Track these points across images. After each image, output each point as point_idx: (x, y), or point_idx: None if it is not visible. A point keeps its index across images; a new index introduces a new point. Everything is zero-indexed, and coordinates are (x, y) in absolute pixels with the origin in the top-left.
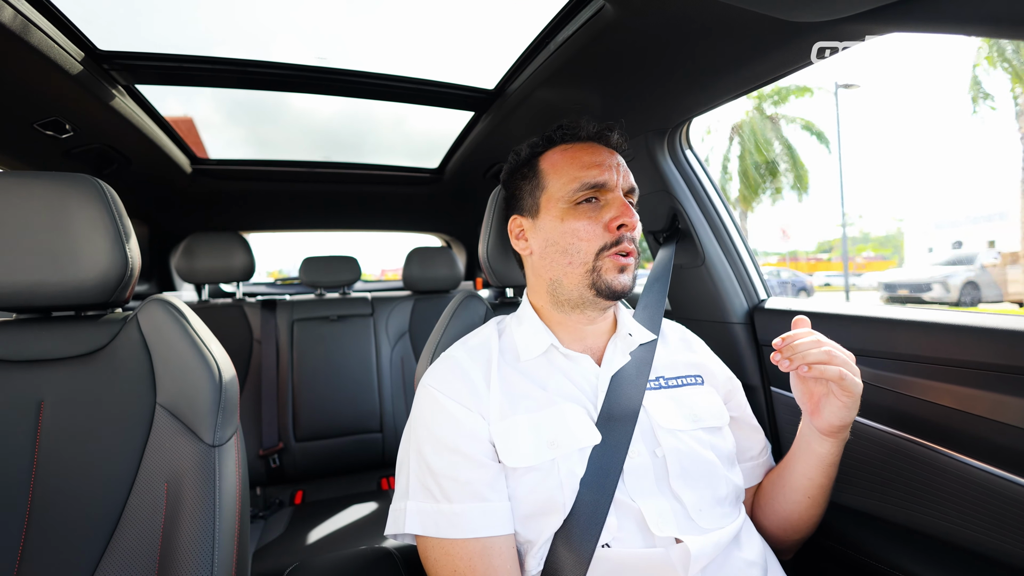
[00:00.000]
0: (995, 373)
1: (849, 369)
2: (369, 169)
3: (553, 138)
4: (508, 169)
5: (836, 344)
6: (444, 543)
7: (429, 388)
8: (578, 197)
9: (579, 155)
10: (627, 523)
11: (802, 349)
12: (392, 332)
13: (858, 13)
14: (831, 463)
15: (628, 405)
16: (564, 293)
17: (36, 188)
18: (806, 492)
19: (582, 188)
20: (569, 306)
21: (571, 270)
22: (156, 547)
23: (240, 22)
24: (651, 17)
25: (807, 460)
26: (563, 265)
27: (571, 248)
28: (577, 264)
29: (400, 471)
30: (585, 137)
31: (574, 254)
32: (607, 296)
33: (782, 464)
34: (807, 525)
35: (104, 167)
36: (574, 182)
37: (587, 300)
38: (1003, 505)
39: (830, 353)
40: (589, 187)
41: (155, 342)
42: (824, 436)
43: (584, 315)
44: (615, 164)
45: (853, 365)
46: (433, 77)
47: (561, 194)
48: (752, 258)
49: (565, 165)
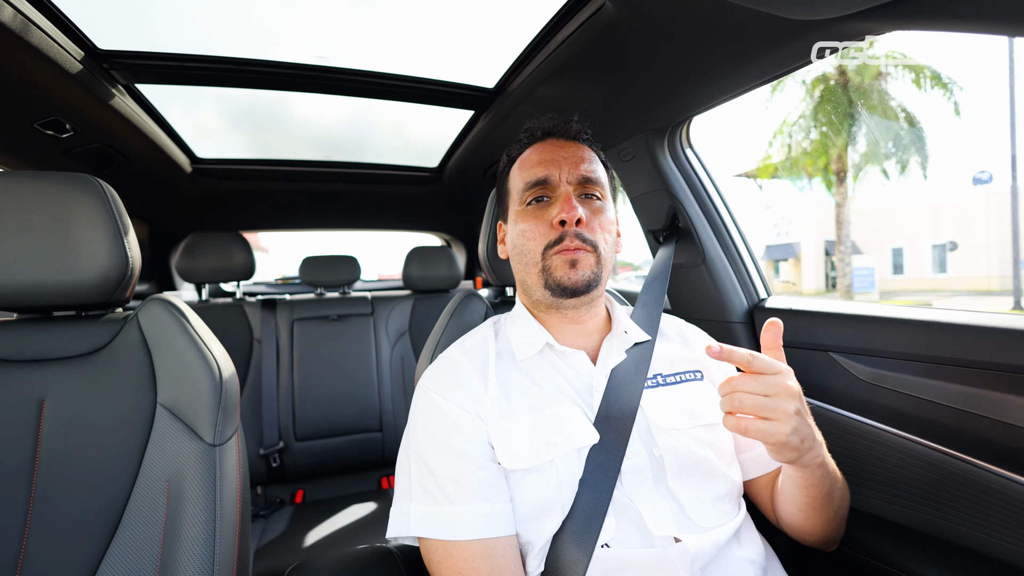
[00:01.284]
0: (997, 372)
1: (764, 414)
2: (369, 169)
3: (523, 142)
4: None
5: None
6: (447, 545)
7: (427, 391)
8: (526, 197)
9: (530, 155)
10: (626, 523)
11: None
12: (392, 331)
13: (858, 11)
14: (804, 485)
15: (626, 404)
16: (532, 294)
17: (36, 188)
18: (797, 505)
19: (526, 188)
20: (543, 306)
21: (529, 270)
22: (157, 546)
23: (240, 21)
24: (651, 15)
25: (785, 477)
26: (523, 267)
27: (524, 249)
28: (530, 265)
29: (400, 473)
30: (541, 135)
31: (526, 255)
32: (561, 294)
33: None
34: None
35: (104, 167)
36: (521, 183)
37: (550, 300)
38: (1004, 504)
39: (733, 401)
40: (531, 186)
41: (156, 342)
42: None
43: (562, 314)
44: (563, 158)
45: (775, 407)
46: (433, 76)
47: (515, 197)
48: (752, 257)
49: (519, 167)
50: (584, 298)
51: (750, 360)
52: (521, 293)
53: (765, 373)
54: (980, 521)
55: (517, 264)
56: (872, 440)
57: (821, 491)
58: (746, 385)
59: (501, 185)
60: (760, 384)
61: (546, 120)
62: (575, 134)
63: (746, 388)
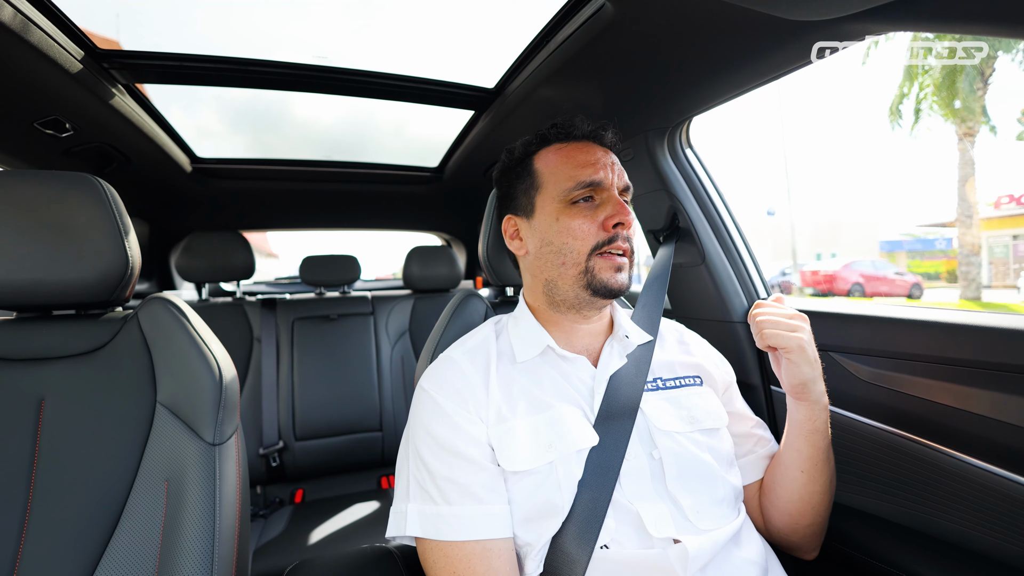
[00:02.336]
0: (994, 372)
1: (780, 328)
2: (369, 168)
3: (547, 137)
4: (501, 168)
5: (776, 307)
6: (443, 545)
7: (427, 391)
8: (574, 196)
9: (574, 154)
10: (625, 525)
11: (752, 325)
12: (392, 331)
13: (858, 12)
14: (811, 430)
15: (626, 407)
16: (559, 293)
17: (36, 187)
18: (799, 466)
19: (578, 187)
20: (565, 306)
21: (565, 270)
22: (156, 545)
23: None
24: (651, 16)
25: (790, 431)
26: (557, 265)
27: (565, 248)
28: (571, 264)
29: (400, 473)
30: (580, 136)
31: (568, 253)
32: (603, 295)
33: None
34: (810, 508)
35: (104, 166)
36: (570, 181)
37: (583, 300)
38: (1003, 503)
39: (759, 323)
40: (585, 185)
41: (155, 341)
42: (795, 400)
43: (580, 314)
44: (610, 163)
45: (788, 323)
46: (433, 76)
47: (556, 193)
48: (752, 256)
49: (560, 164)
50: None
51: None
52: (535, 291)
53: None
54: (980, 520)
55: (546, 262)
56: (872, 439)
57: (825, 440)
58: (766, 311)
59: (519, 177)
60: (778, 309)
61: (584, 122)
62: (611, 143)
63: (766, 313)
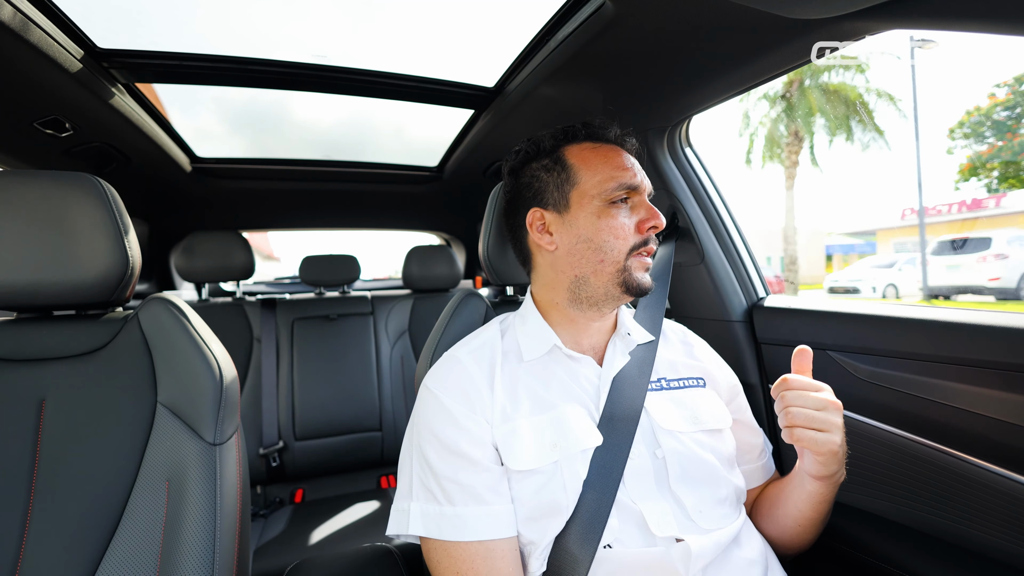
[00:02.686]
0: (996, 371)
1: (814, 425)
2: (369, 168)
3: (576, 134)
4: (522, 158)
5: (807, 394)
6: (447, 545)
7: (431, 390)
8: (614, 196)
9: (610, 155)
10: (628, 524)
11: (778, 411)
12: (392, 331)
13: (858, 11)
14: (821, 501)
15: (630, 406)
16: (588, 290)
17: (36, 187)
18: (796, 521)
19: (620, 188)
20: (588, 303)
21: (602, 268)
22: (157, 545)
23: (239, 20)
24: (651, 14)
25: (799, 494)
26: (595, 262)
27: (606, 245)
28: (609, 262)
29: (402, 471)
30: (611, 139)
31: (608, 251)
32: (635, 293)
33: (779, 486)
34: (797, 547)
35: (104, 166)
36: (611, 181)
37: (611, 297)
38: (1002, 502)
39: (788, 414)
40: (626, 187)
41: (156, 341)
42: (812, 479)
43: (599, 312)
44: (639, 169)
45: (822, 419)
46: (433, 75)
47: (597, 191)
48: (751, 256)
49: (599, 163)
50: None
51: (791, 380)
52: (556, 288)
53: (807, 389)
54: (980, 519)
55: (584, 258)
56: (872, 439)
57: (828, 508)
58: (798, 398)
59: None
60: (810, 399)
61: (614, 128)
62: (635, 153)
63: (799, 401)
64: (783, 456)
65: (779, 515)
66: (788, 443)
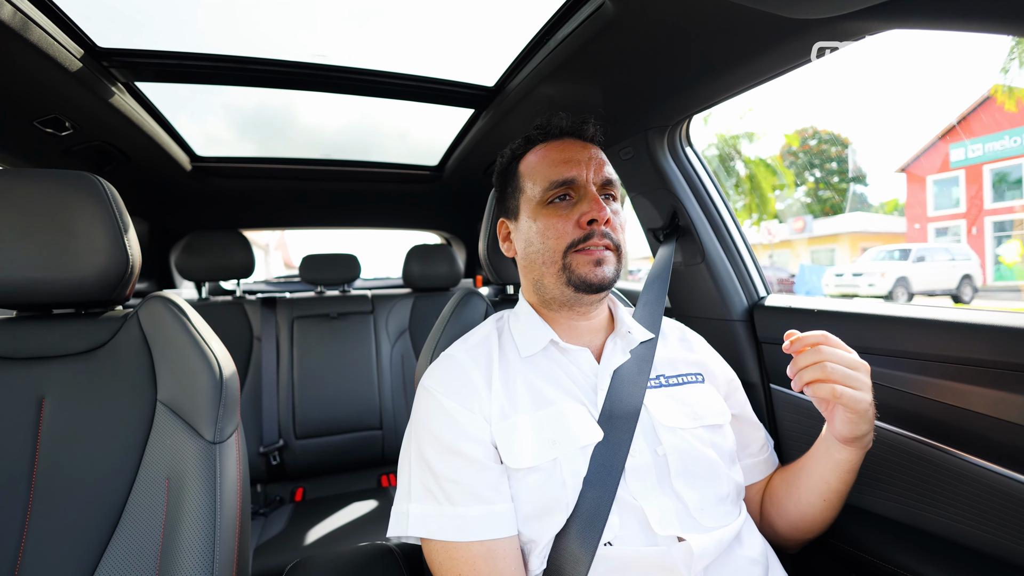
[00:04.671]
0: (996, 371)
1: (850, 383)
2: (369, 167)
3: (532, 138)
4: (496, 172)
5: (842, 352)
6: (448, 546)
7: (429, 390)
8: (548, 196)
9: (550, 154)
10: (629, 522)
11: (800, 365)
12: (392, 330)
13: (858, 11)
14: (849, 469)
15: (629, 403)
16: (547, 292)
17: (36, 186)
18: (821, 495)
19: (551, 187)
20: (557, 304)
21: (546, 269)
22: (157, 544)
23: (240, 19)
24: (651, 14)
25: (825, 464)
26: (539, 265)
27: (544, 247)
28: (550, 263)
29: (402, 472)
30: (558, 134)
31: (546, 253)
32: (585, 290)
33: (798, 465)
34: (819, 526)
35: (104, 164)
36: (544, 182)
37: (569, 297)
38: (1004, 503)
39: (824, 368)
40: (557, 185)
41: (156, 339)
42: (841, 444)
43: (575, 311)
44: (586, 159)
45: (858, 377)
46: (433, 75)
47: (533, 194)
48: (752, 255)
49: (537, 165)
50: (602, 294)
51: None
52: (529, 291)
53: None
54: (979, 518)
55: (531, 262)
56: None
57: (854, 478)
58: (835, 355)
59: (507, 182)
60: (846, 357)
61: (563, 119)
62: (592, 136)
63: (836, 358)
64: (784, 451)
65: (802, 494)
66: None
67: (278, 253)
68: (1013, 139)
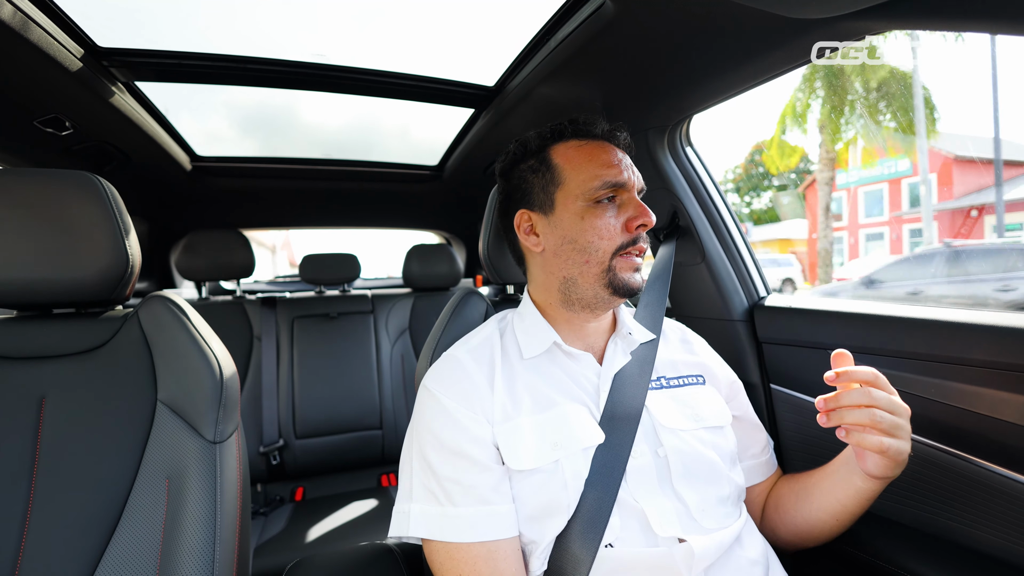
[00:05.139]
0: (996, 371)
1: (896, 433)
2: (369, 167)
3: (563, 132)
4: (511, 159)
5: (892, 399)
6: (449, 547)
7: (431, 390)
8: (599, 195)
9: (596, 152)
10: (630, 523)
11: (844, 403)
12: (392, 329)
13: (858, 11)
14: (870, 497)
15: (631, 404)
16: (577, 291)
17: (36, 185)
18: (835, 515)
19: (604, 186)
20: (580, 304)
21: (587, 268)
22: (157, 543)
23: (240, 19)
24: (651, 14)
25: (845, 489)
26: (580, 263)
27: (590, 246)
28: (594, 263)
29: (403, 473)
30: (598, 135)
31: (592, 252)
32: (623, 294)
33: (812, 479)
34: (826, 538)
35: (104, 164)
36: (595, 179)
37: (600, 299)
38: (1004, 503)
39: (874, 416)
40: (611, 185)
41: (156, 339)
42: (867, 476)
43: (593, 313)
44: (628, 164)
45: (903, 426)
46: (434, 74)
47: (581, 191)
48: (752, 255)
49: (583, 161)
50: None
51: (877, 376)
52: (547, 289)
53: (890, 390)
54: (979, 519)
55: (570, 259)
56: None
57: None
58: (885, 402)
59: (538, 171)
60: (892, 404)
61: (602, 123)
62: (626, 145)
63: (886, 405)
64: (784, 451)
65: (812, 510)
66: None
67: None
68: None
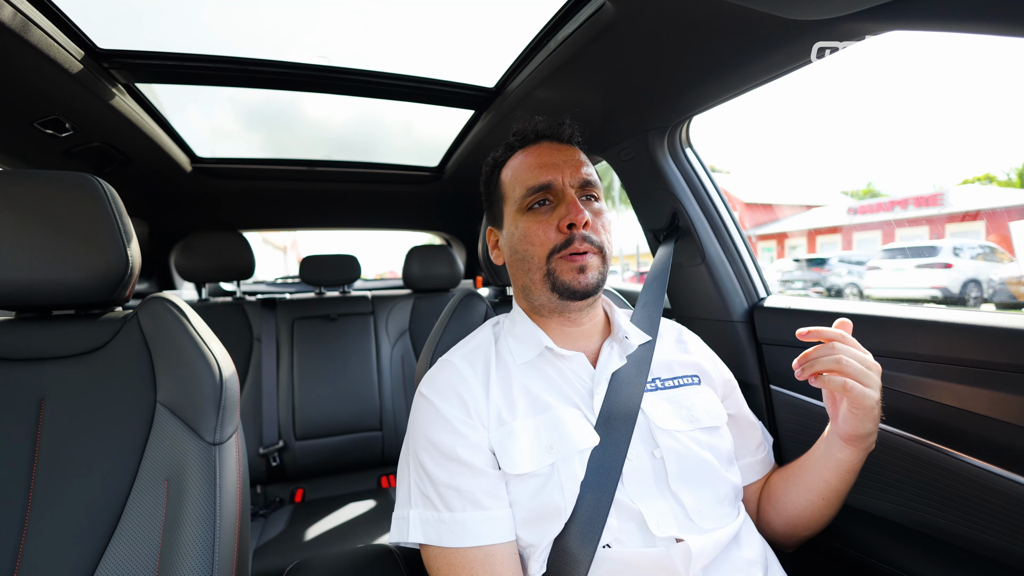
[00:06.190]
0: (996, 371)
1: (862, 379)
2: (369, 168)
3: (512, 145)
4: (482, 181)
5: (857, 352)
6: (446, 551)
7: (427, 397)
8: (527, 202)
9: (528, 159)
10: (627, 524)
11: (814, 356)
12: (392, 331)
13: (858, 11)
14: (850, 470)
15: (627, 407)
16: (535, 299)
17: (36, 187)
18: (821, 494)
19: (528, 193)
20: (546, 311)
21: (533, 276)
22: (157, 545)
23: (241, 21)
24: (651, 15)
25: (826, 462)
26: (525, 272)
27: (527, 254)
28: (535, 269)
29: (401, 478)
30: (535, 138)
31: (530, 259)
32: (569, 297)
33: (798, 463)
34: (817, 524)
35: (104, 166)
36: (522, 188)
37: (556, 304)
38: (1003, 504)
39: (840, 361)
40: (535, 191)
41: (156, 340)
42: (844, 443)
43: (565, 318)
44: (563, 161)
45: (870, 375)
46: (433, 76)
47: (514, 201)
48: (752, 256)
49: (517, 172)
50: (589, 300)
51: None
52: (520, 297)
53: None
54: (978, 519)
55: (517, 269)
56: None
57: (853, 479)
58: (851, 352)
59: (491, 190)
60: (861, 355)
61: (538, 123)
62: (569, 138)
63: (851, 354)
64: (784, 451)
65: (800, 492)
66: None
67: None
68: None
